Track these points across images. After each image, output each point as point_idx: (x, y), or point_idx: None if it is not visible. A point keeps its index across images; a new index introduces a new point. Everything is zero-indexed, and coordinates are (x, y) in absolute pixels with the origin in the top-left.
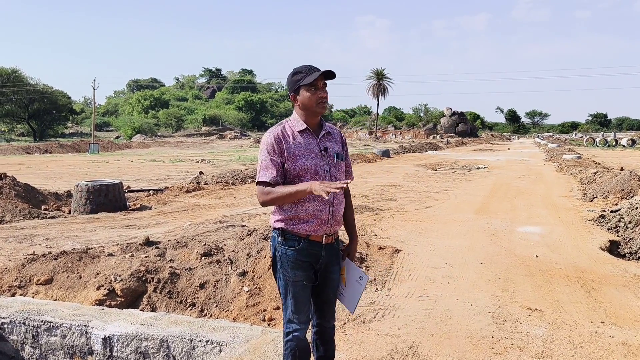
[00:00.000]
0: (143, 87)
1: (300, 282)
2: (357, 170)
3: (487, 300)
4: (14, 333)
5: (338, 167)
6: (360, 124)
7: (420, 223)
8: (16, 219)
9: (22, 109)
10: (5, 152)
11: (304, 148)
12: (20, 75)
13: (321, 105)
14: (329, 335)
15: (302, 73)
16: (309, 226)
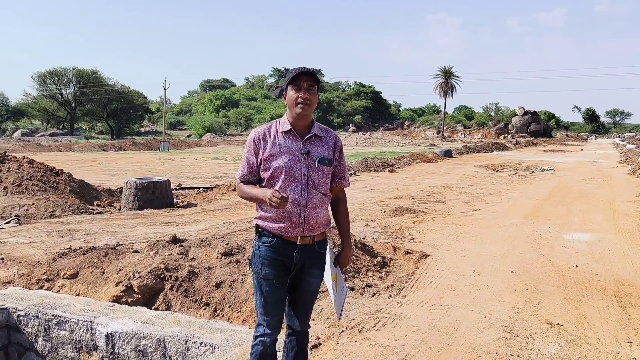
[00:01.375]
0: (215, 87)
1: (270, 281)
2: (413, 171)
3: (505, 312)
4: (28, 325)
5: (319, 171)
6: (428, 123)
7: (461, 227)
8: (65, 214)
9: (101, 108)
10: (83, 149)
11: (284, 149)
12: (99, 76)
13: (300, 106)
14: (300, 342)
15: (290, 72)
16: (279, 226)
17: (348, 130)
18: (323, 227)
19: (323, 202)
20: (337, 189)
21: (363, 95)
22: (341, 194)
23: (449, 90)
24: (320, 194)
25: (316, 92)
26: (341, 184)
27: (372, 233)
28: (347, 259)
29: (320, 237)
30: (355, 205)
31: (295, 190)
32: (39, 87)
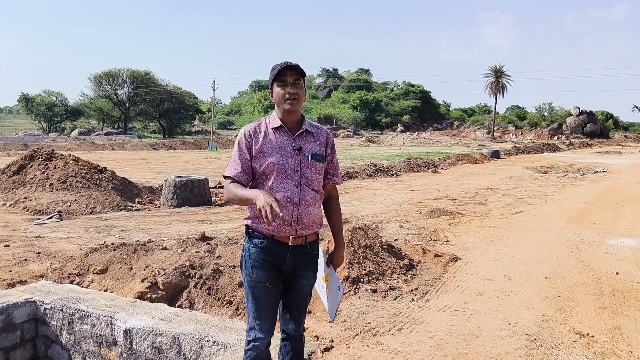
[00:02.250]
0: (264, 88)
1: (262, 284)
2: (457, 172)
3: (532, 320)
4: (54, 319)
5: (311, 168)
6: (479, 124)
7: (498, 230)
8: (105, 211)
9: (153, 108)
10: (135, 148)
11: (275, 146)
12: (152, 77)
13: (289, 102)
14: (295, 346)
15: (274, 69)
16: (272, 225)
17: (396, 130)
18: (316, 227)
19: (316, 200)
20: (330, 187)
21: (412, 94)
22: (334, 192)
23: (500, 90)
24: (313, 191)
25: (303, 86)
26: (334, 181)
27: (406, 234)
28: (340, 258)
29: (313, 237)
30: (392, 206)
31: (288, 187)
32: (95, 88)
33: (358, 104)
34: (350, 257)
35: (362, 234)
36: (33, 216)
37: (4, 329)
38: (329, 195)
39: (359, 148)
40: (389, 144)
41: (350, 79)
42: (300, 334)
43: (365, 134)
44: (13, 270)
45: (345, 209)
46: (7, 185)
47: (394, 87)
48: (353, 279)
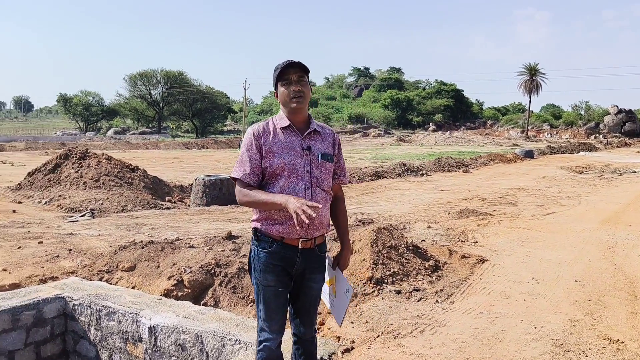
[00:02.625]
0: None
1: (272, 287)
2: (489, 172)
3: (559, 325)
4: (82, 314)
5: (321, 167)
6: (512, 123)
7: (528, 231)
8: (136, 209)
9: (186, 108)
10: (168, 147)
11: (284, 145)
12: (185, 77)
13: (295, 99)
14: (308, 348)
15: (277, 69)
16: (282, 228)
17: (428, 129)
18: (325, 228)
19: (326, 201)
20: (336, 187)
21: (444, 93)
22: (340, 192)
23: (534, 88)
24: (324, 191)
25: (307, 83)
26: (341, 181)
27: (433, 235)
28: (346, 260)
29: (321, 239)
30: (420, 206)
31: (299, 187)
32: (130, 88)
33: (389, 103)
34: (374, 257)
35: (387, 234)
36: (67, 214)
37: (35, 324)
38: (335, 196)
39: (390, 147)
40: (420, 143)
41: (382, 77)
42: (312, 336)
43: (397, 133)
44: (45, 266)
45: (373, 208)
46: (43, 183)
47: (426, 85)
48: (377, 279)
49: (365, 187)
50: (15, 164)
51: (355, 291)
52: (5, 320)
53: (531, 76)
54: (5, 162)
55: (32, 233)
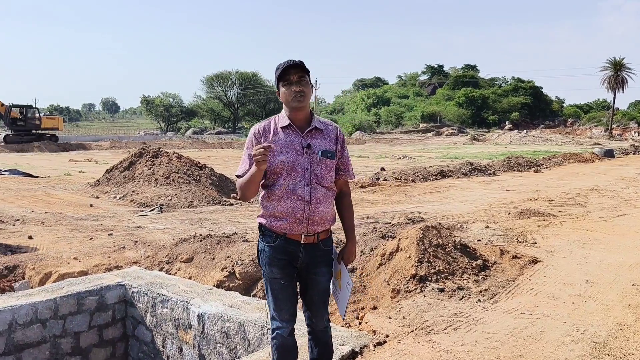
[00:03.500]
0: (367, 86)
1: (278, 280)
2: (562, 171)
3: (604, 328)
4: (140, 301)
5: (322, 165)
6: (595, 121)
7: (592, 233)
8: (201, 204)
9: (260, 108)
10: (241, 146)
11: (283, 144)
12: (259, 78)
13: (296, 99)
14: (322, 339)
15: (278, 69)
16: (283, 224)
17: (503, 128)
18: (328, 223)
19: (327, 197)
20: (341, 183)
21: (521, 91)
22: (345, 188)
23: (619, 84)
24: (324, 188)
25: (308, 83)
26: (345, 177)
27: (491, 235)
28: (351, 255)
29: (325, 234)
30: (482, 205)
31: (299, 185)
32: (207, 89)
33: (464, 101)
34: (419, 255)
35: (435, 232)
36: (138, 208)
37: (98, 308)
38: (340, 191)
39: (462, 147)
40: (495, 142)
41: (456, 75)
42: (325, 326)
43: (471, 132)
44: (111, 256)
45: (431, 208)
46: (119, 179)
47: (502, 83)
48: (420, 277)
49: (428, 187)
50: (99, 162)
51: (398, 288)
52: (72, 304)
53: (616, 71)
54: (90, 160)
55: (104, 226)
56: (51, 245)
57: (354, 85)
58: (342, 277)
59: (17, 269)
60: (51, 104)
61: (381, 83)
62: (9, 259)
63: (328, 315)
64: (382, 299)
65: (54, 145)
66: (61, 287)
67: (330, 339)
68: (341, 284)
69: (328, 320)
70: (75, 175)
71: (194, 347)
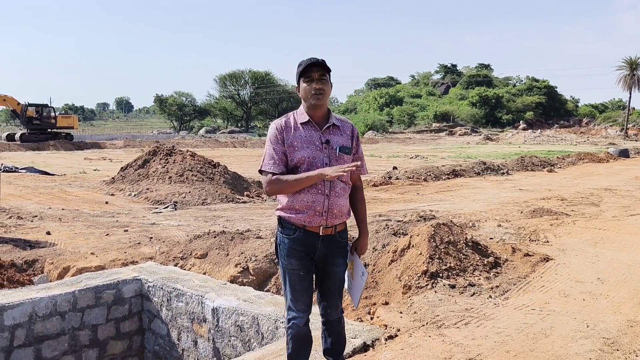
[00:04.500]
0: (380, 86)
1: (296, 271)
2: (576, 171)
3: (614, 325)
4: (156, 295)
5: (340, 160)
6: (611, 120)
7: (604, 232)
8: (215, 202)
9: (273, 107)
10: (254, 145)
11: (304, 140)
12: (272, 77)
13: (315, 96)
14: (335, 329)
15: (301, 65)
16: (303, 217)
17: (517, 127)
18: (345, 216)
19: (344, 191)
20: (355, 177)
21: (535, 90)
22: (358, 182)
23: (635, 84)
24: (342, 182)
25: (328, 81)
26: (359, 172)
27: (503, 234)
28: (363, 246)
29: (342, 227)
30: (494, 204)
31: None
32: (220, 89)
33: (477, 101)
34: (431, 252)
35: (446, 230)
36: (152, 205)
37: (115, 302)
38: (354, 185)
39: (475, 146)
40: (508, 142)
41: (470, 74)
42: (339, 317)
43: (484, 132)
44: (127, 252)
45: (443, 206)
46: (133, 177)
47: (516, 82)
48: (432, 273)
49: (441, 185)
50: (113, 160)
51: (409, 284)
52: (89, 297)
53: (632, 70)
54: (105, 159)
55: (120, 222)
56: (69, 240)
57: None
58: (356, 268)
59: (36, 264)
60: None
61: (394, 82)
62: (28, 253)
63: (342, 306)
64: (394, 294)
65: (69, 143)
66: (79, 280)
67: (344, 330)
68: (354, 274)
69: (342, 310)
70: (91, 173)
71: (209, 341)
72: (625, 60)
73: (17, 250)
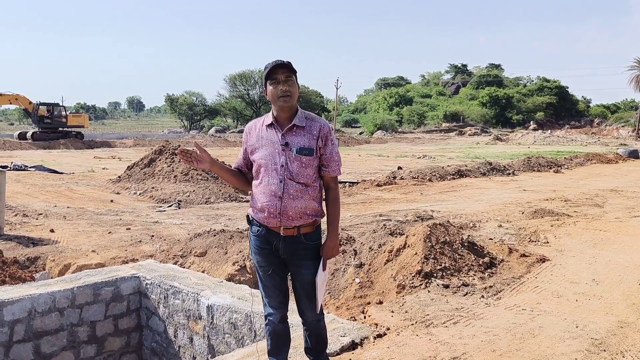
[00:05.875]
0: (390, 85)
1: (263, 268)
2: (583, 172)
3: (604, 326)
4: (153, 293)
5: (297, 162)
6: (623, 121)
7: (604, 233)
8: (218, 201)
9: None
10: None
11: (265, 141)
12: None
13: (282, 99)
14: (314, 330)
15: (267, 68)
16: (263, 216)
17: (528, 128)
18: (308, 218)
19: (302, 193)
20: (327, 178)
21: (546, 90)
22: (331, 183)
23: None
24: (299, 184)
25: (295, 82)
26: (328, 173)
27: (503, 234)
28: (330, 250)
29: (308, 229)
30: (496, 205)
31: (273, 181)
32: (230, 89)
33: (487, 101)
34: (426, 252)
35: (442, 230)
36: (157, 204)
37: (113, 299)
38: (326, 186)
39: (484, 146)
40: (518, 143)
41: (480, 74)
42: (317, 319)
43: (494, 132)
44: (128, 249)
45: (445, 207)
46: (139, 176)
47: (527, 82)
48: (426, 273)
49: (445, 186)
50: (122, 159)
51: (404, 283)
52: (88, 294)
53: None
54: (114, 158)
55: (123, 220)
56: (71, 238)
57: (376, 85)
58: (318, 272)
59: (38, 261)
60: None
61: (404, 82)
62: (31, 250)
63: (319, 309)
64: (388, 294)
65: (80, 142)
66: (78, 277)
67: (324, 331)
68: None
69: (321, 313)
70: (99, 171)
71: (204, 337)
72: (638, 60)
73: (20, 247)
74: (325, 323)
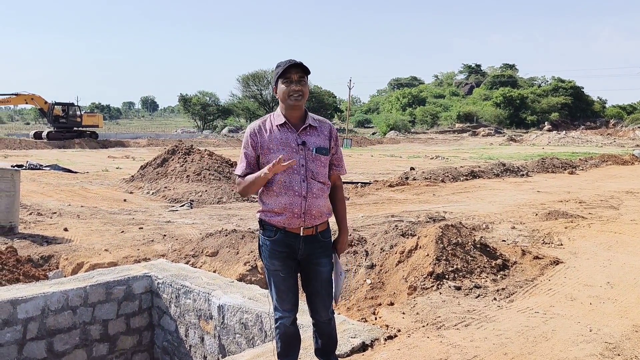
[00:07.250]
0: (403, 86)
1: (278, 272)
2: (598, 173)
3: (619, 329)
4: (165, 292)
5: (316, 161)
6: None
7: (620, 235)
8: (230, 201)
9: None
10: None
11: (279, 142)
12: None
13: (293, 98)
14: (325, 330)
15: (279, 67)
16: (282, 219)
17: (542, 128)
18: (325, 216)
19: (323, 191)
20: (335, 177)
21: (561, 91)
22: (338, 182)
23: None
24: (320, 183)
25: (307, 83)
26: (338, 172)
27: (516, 236)
28: (343, 245)
29: (323, 226)
30: (510, 206)
31: (295, 181)
32: (243, 89)
33: (501, 101)
34: (438, 253)
35: (455, 231)
36: (169, 204)
37: (125, 298)
38: (333, 185)
39: (498, 147)
40: (532, 143)
41: (494, 74)
42: (329, 318)
43: (508, 133)
44: (140, 249)
45: (458, 208)
46: (152, 176)
47: (541, 83)
48: (437, 275)
49: (458, 187)
50: (136, 158)
51: (415, 285)
52: (100, 292)
53: None
54: (128, 157)
55: (136, 220)
56: (85, 237)
57: (389, 85)
58: (335, 265)
59: (51, 259)
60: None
61: (417, 82)
62: (45, 249)
63: (332, 307)
64: (399, 295)
65: (94, 142)
66: (91, 276)
67: (334, 331)
68: (334, 272)
69: (332, 312)
70: (113, 171)
71: (215, 337)
72: None
73: (34, 245)
74: (335, 323)
